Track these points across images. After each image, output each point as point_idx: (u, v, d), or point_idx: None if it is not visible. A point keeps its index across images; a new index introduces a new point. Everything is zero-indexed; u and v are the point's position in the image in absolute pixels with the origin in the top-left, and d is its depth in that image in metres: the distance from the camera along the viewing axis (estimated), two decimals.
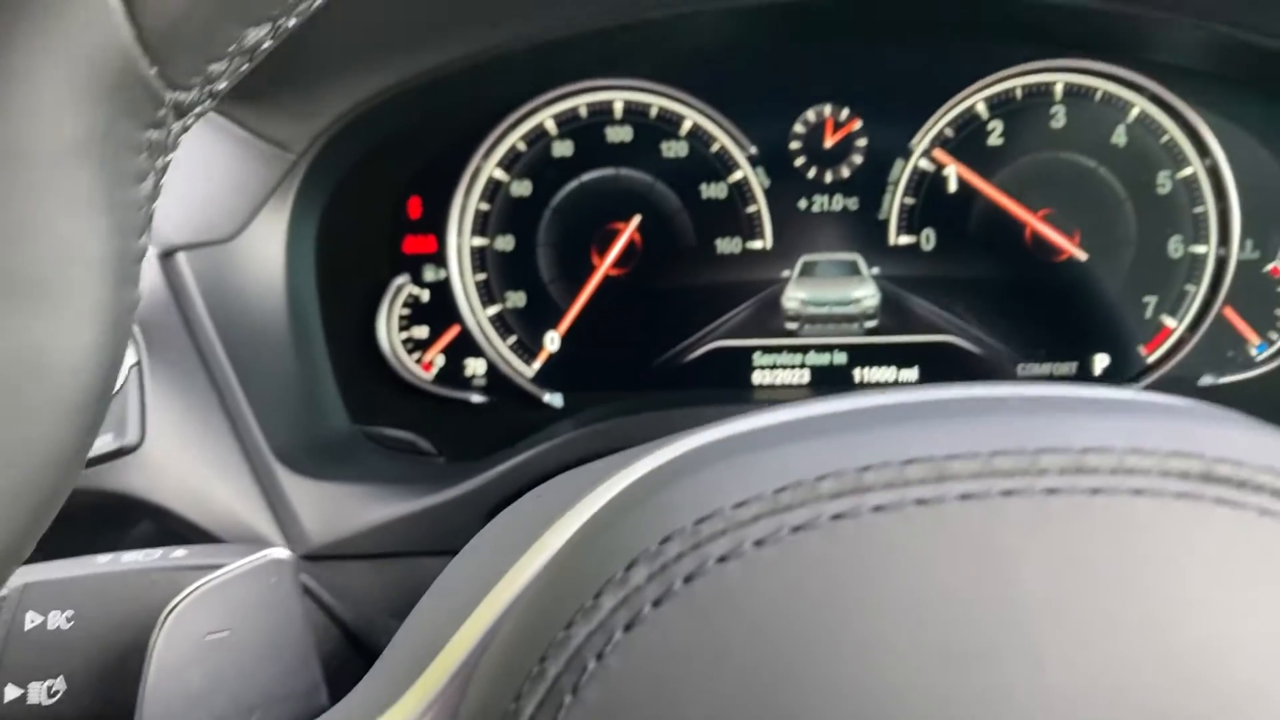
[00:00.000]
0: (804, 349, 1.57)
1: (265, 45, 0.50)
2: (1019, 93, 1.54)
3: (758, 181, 1.56)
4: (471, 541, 0.75)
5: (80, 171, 0.43)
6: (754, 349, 1.58)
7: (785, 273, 1.56)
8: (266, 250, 1.47)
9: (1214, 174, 1.51)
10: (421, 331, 1.59)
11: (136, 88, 0.44)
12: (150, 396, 1.32)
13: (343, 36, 1.36)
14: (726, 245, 1.57)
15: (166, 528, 1.34)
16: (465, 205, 1.57)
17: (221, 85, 0.50)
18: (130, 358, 1.32)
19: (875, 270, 1.56)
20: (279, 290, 1.48)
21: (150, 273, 1.35)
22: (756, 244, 1.57)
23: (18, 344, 0.42)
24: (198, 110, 0.50)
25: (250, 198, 1.45)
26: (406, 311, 1.58)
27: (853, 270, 1.56)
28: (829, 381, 1.57)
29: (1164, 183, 1.53)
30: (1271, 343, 1.53)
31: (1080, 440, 0.54)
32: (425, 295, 1.58)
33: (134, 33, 0.42)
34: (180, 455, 1.32)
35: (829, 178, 1.56)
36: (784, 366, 1.58)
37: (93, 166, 0.43)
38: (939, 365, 1.55)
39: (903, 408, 0.66)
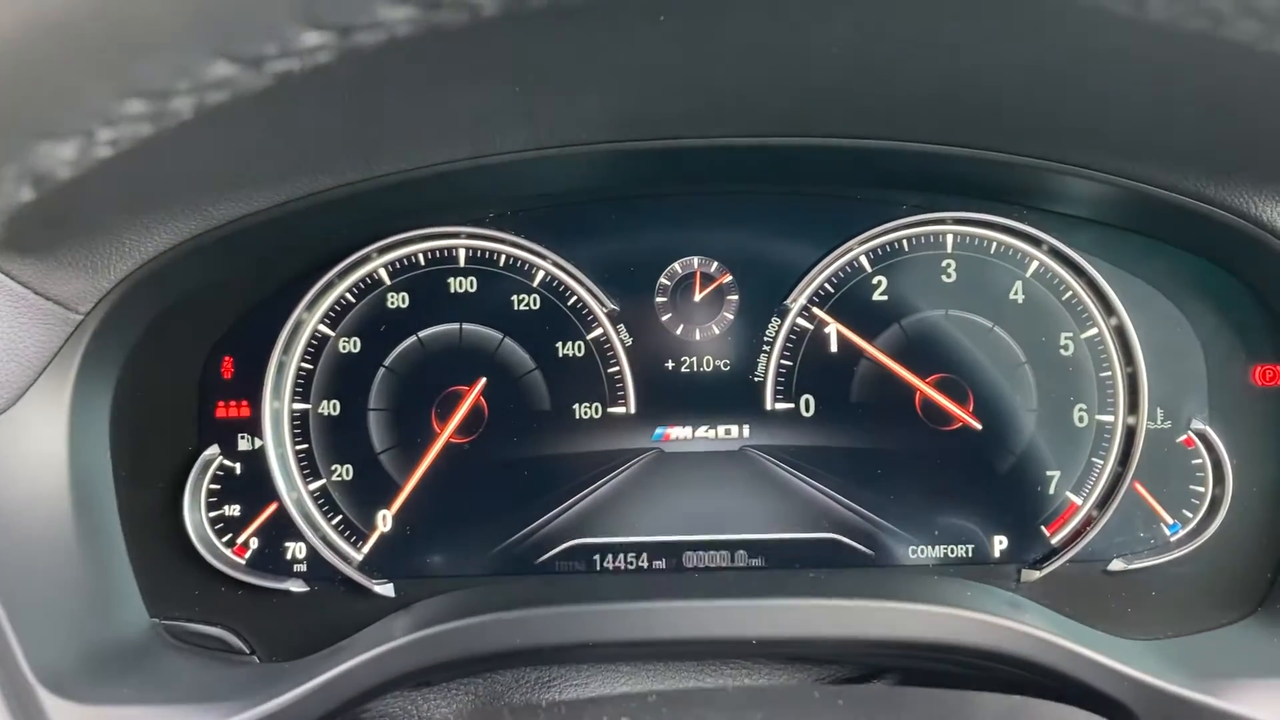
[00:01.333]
0: (676, 548, 1.39)
1: None
2: (905, 245, 1.39)
3: (619, 339, 1.39)
4: None
5: None
6: (615, 548, 1.39)
7: (649, 441, 1.39)
8: (45, 424, 1.27)
9: (1120, 335, 1.37)
10: (234, 510, 1.38)
11: None
12: None
13: (135, 183, 1.17)
14: (585, 410, 1.39)
15: None
16: (284, 365, 1.38)
17: None
18: None
19: (749, 437, 1.39)
20: (60, 470, 1.27)
21: None
22: (619, 409, 1.39)
23: None
24: None
25: (24, 364, 1.25)
26: (217, 487, 1.38)
27: None
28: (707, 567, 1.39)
29: (1066, 344, 1.38)
30: (1186, 522, 1.37)
31: None
32: (238, 468, 1.38)
33: None
34: None
35: (698, 336, 1.40)
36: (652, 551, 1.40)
37: None
38: (824, 553, 1.38)
39: None
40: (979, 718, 1.09)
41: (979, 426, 1.37)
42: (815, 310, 1.38)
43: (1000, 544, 1.38)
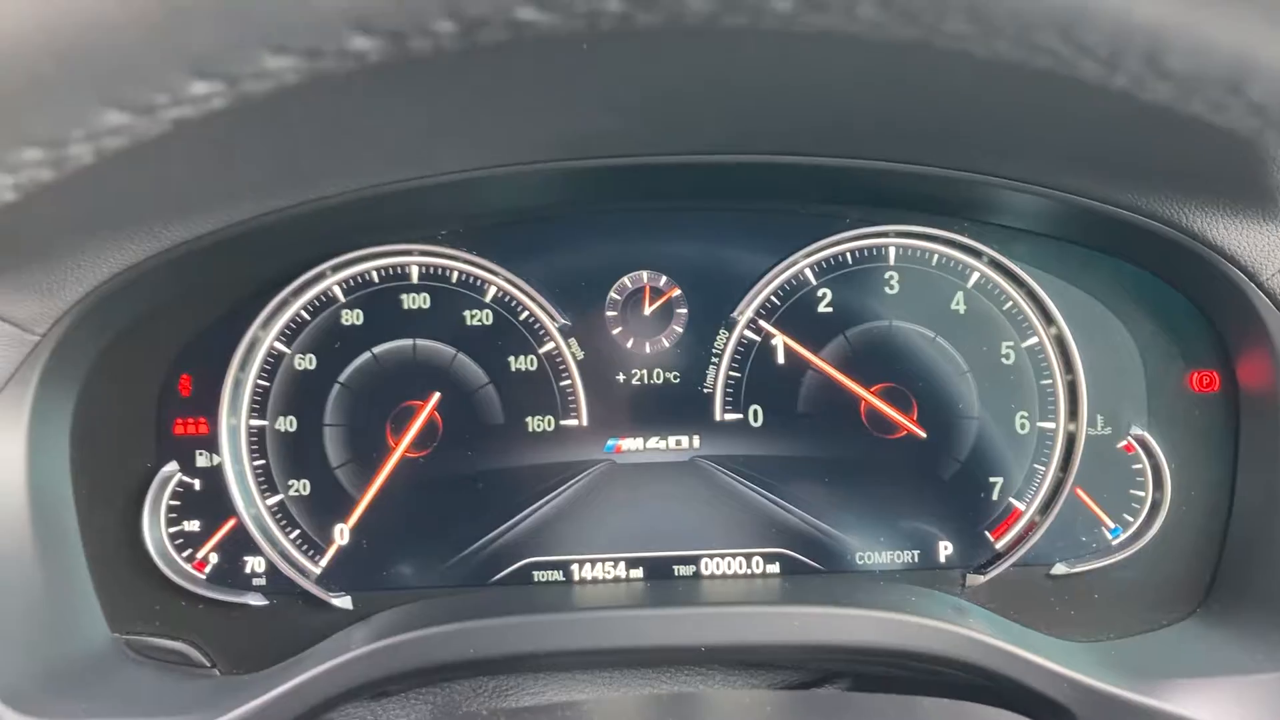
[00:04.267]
0: (629, 560, 1.42)
1: None
2: (849, 257, 1.41)
3: (571, 353, 1.41)
4: None
5: None
6: (568, 562, 1.42)
7: (601, 453, 1.42)
8: (4, 443, 1.29)
9: (1060, 344, 1.40)
10: (193, 526, 1.40)
11: None
12: None
13: (84, 210, 1.19)
14: (538, 423, 1.42)
15: None
16: (241, 382, 1.40)
17: None
18: None
19: (699, 448, 1.41)
20: (20, 488, 1.30)
21: None
22: (571, 421, 1.42)
23: None
24: None
25: None
26: (176, 503, 1.40)
27: None
28: (663, 575, 1.41)
29: (1008, 353, 1.41)
30: (1127, 525, 1.40)
31: None
32: (197, 484, 1.40)
33: None
34: None
35: (648, 349, 1.42)
36: (605, 561, 1.42)
37: None
38: (771, 558, 1.41)
39: None
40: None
41: (923, 434, 1.40)
42: (762, 323, 1.41)
43: (945, 549, 1.41)
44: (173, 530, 1.40)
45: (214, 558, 1.41)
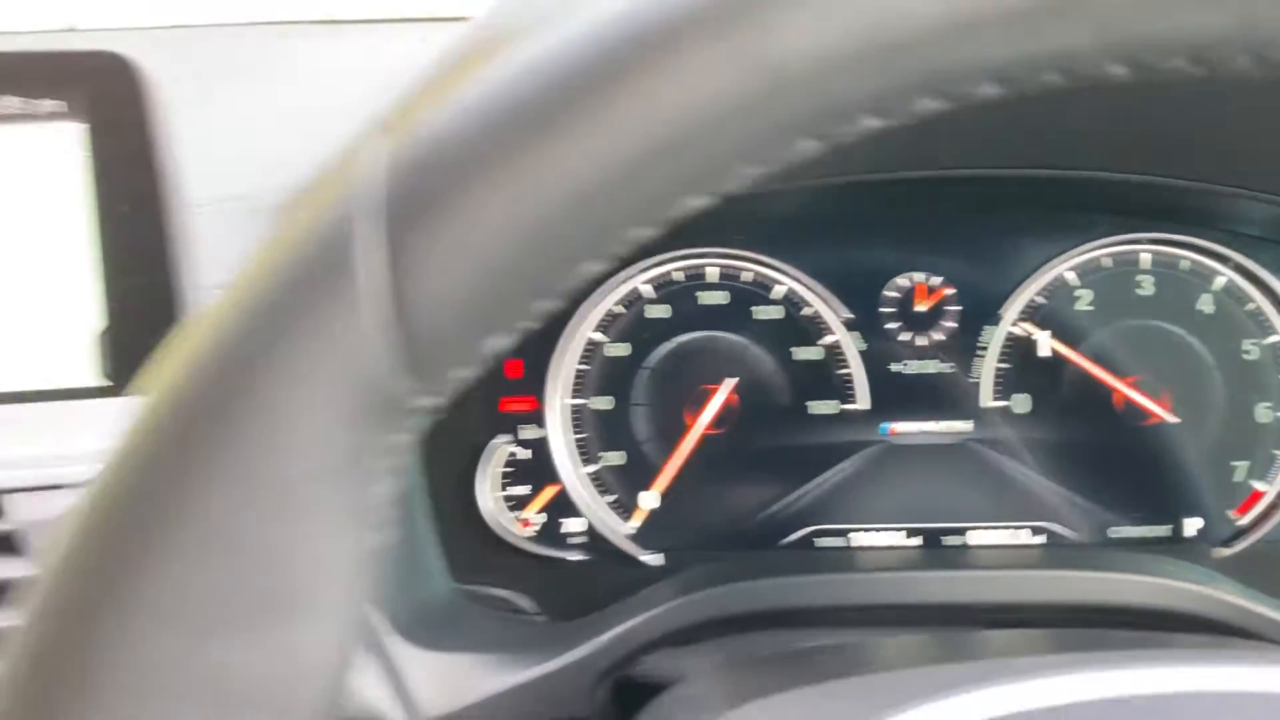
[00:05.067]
0: (908, 531, 1.59)
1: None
2: (1106, 262, 1.58)
3: (852, 345, 1.60)
4: None
5: (336, 491, 0.44)
6: (850, 530, 1.60)
7: (877, 435, 1.59)
8: None
9: None
10: (521, 490, 1.61)
11: (393, 408, 0.44)
12: None
13: None
14: (820, 406, 1.60)
15: None
16: (563, 366, 1.60)
17: (463, 381, 0.51)
18: None
19: (969, 432, 1.59)
20: None
21: None
22: (851, 405, 1.60)
23: (278, 657, 0.44)
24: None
25: None
26: (508, 469, 1.61)
27: None
28: (934, 545, 1.59)
29: (1250, 349, 1.57)
30: None
31: None
32: (524, 454, 1.61)
33: (397, 360, 0.43)
34: None
35: (921, 342, 1.60)
36: (880, 530, 1.60)
37: (348, 484, 0.44)
38: (1035, 531, 1.58)
39: None
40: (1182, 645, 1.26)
41: (1173, 421, 1.56)
42: (1026, 320, 1.58)
43: (1194, 524, 1.56)
44: (503, 494, 1.61)
45: (538, 518, 1.61)
